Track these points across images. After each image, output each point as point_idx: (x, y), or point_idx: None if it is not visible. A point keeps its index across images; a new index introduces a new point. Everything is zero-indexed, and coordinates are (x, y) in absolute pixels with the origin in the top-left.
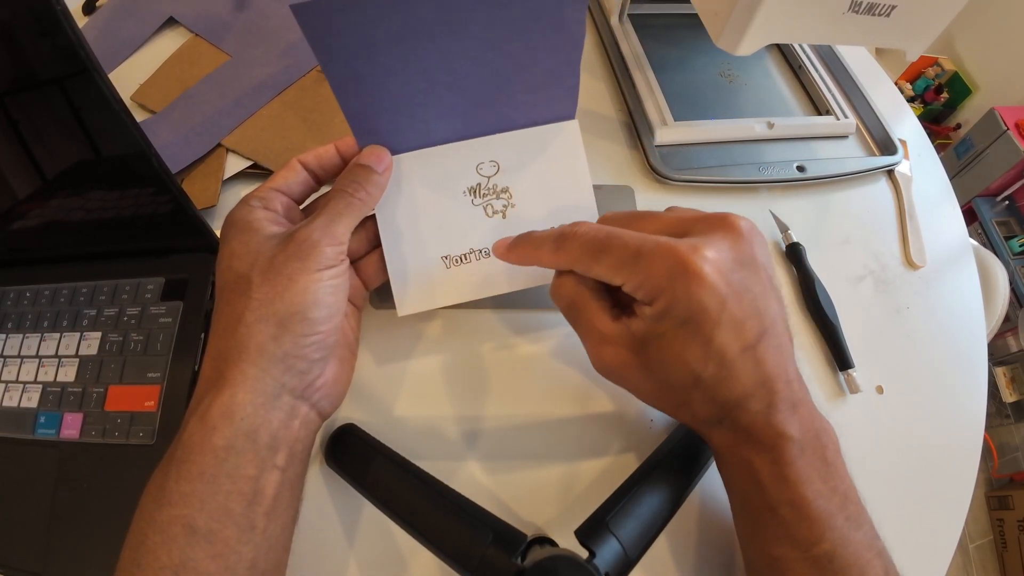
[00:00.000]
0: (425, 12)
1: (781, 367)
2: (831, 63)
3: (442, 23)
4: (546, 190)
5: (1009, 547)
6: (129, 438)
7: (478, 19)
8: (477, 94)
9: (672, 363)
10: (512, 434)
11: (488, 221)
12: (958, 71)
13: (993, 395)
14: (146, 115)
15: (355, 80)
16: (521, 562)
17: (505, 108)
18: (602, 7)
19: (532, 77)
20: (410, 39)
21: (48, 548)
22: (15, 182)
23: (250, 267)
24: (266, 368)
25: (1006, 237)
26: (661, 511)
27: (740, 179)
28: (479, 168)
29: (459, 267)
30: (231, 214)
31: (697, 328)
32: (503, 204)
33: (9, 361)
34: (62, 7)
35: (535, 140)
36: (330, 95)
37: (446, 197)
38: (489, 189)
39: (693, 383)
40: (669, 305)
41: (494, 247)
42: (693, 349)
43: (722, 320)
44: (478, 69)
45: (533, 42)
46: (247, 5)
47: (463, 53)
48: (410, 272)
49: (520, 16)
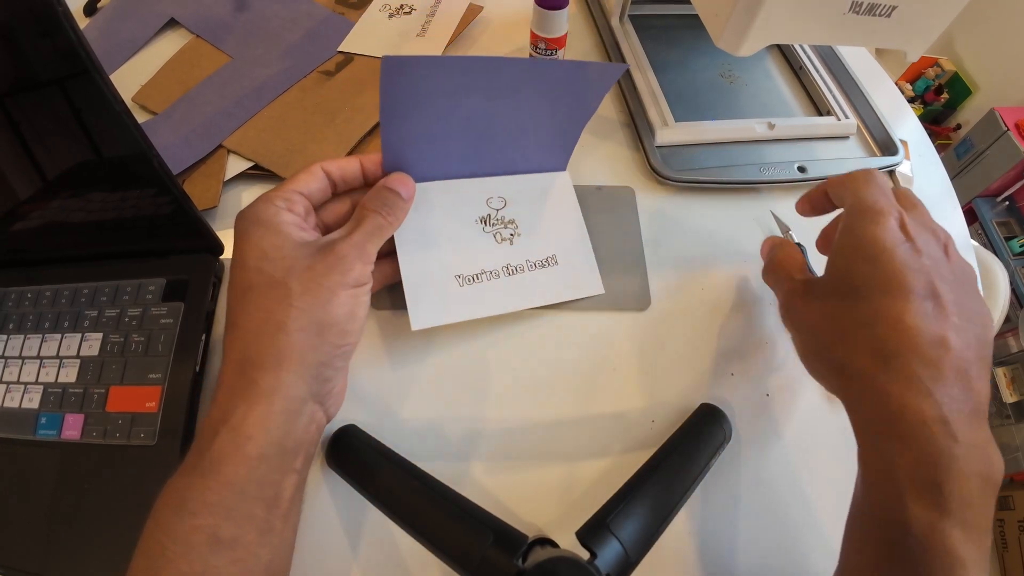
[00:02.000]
0: (493, 79)
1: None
2: (832, 64)
3: (501, 88)
4: (546, 224)
5: (1009, 547)
6: (130, 439)
7: (529, 91)
8: (497, 142)
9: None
10: (513, 435)
11: (498, 247)
12: (958, 72)
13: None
14: (147, 116)
15: (401, 118)
16: (522, 563)
17: (515, 155)
18: (602, 7)
19: (544, 134)
20: (461, 95)
21: (49, 549)
22: (16, 183)
23: (286, 273)
24: (302, 376)
25: (1006, 238)
26: (662, 512)
27: (741, 180)
28: (489, 201)
29: (472, 286)
30: (254, 211)
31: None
32: (510, 233)
33: (10, 362)
34: (63, 8)
35: (536, 184)
36: (331, 96)
37: (460, 224)
38: (498, 220)
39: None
40: None
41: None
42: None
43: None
44: (505, 123)
45: (558, 112)
46: (248, 7)
47: (503, 111)
48: (425, 289)
49: (560, 94)
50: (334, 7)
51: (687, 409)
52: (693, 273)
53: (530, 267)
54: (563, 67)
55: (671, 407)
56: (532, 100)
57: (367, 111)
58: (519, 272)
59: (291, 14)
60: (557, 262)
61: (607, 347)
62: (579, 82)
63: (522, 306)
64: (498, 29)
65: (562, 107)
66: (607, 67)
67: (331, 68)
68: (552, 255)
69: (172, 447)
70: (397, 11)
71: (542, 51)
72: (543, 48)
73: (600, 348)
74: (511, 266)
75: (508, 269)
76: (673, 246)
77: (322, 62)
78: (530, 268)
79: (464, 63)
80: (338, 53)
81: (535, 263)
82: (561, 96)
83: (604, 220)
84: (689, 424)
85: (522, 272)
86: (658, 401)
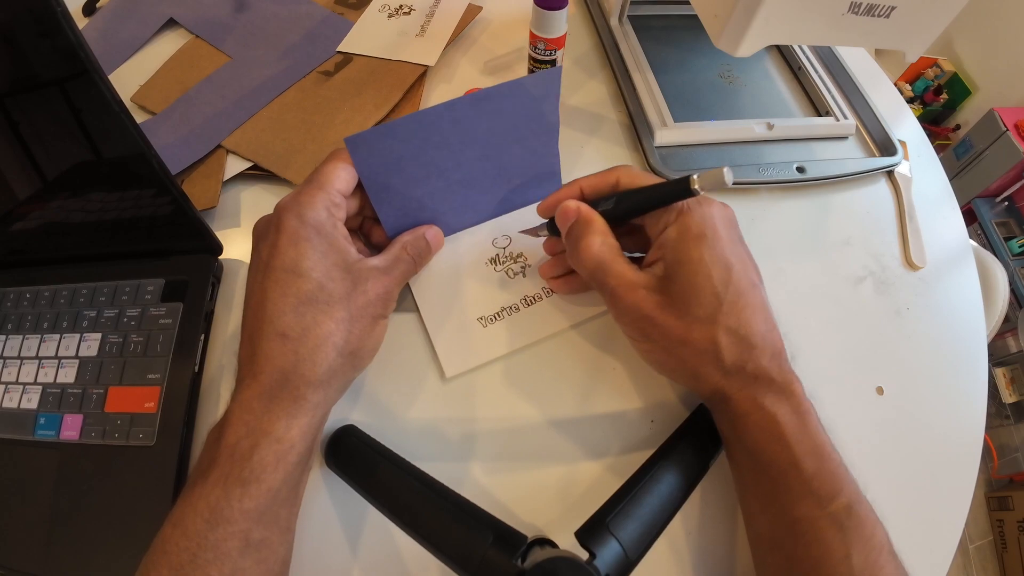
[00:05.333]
0: (443, 127)
1: (772, 319)
2: (831, 64)
3: (455, 134)
4: None
5: (1009, 548)
6: (129, 439)
7: (481, 127)
8: (482, 185)
9: (696, 284)
10: (512, 435)
11: (511, 282)
12: (957, 72)
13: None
14: (146, 116)
15: (389, 190)
16: (521, 563)
17: (506, 193)
18: (602, 8)
19: (523, 163)
20: (431, 149)
21: (48, 549)
22: (15, 183)
23: (344, 297)
24: (339, 391)
25: (1006, 238)
26: (662, 512)
27: (740, 180)
28: (495, 242)
29: (494, 324)
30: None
31: (712, 242)
32: (520, 267)
33: (9, 362)
34: (62, 8)
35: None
36: (330, 96)
37: (472, 270)
38: (507, 256)
39: (716, 306)
40: (686, 223)
41: (538, 208)
42: (712, 266)
43: (733, 239)
44: (483, 164)
45: (521, 135)
46: (247, 7)
47: (471, 154)
48: (452, 337)
49: (511, 119)
50: (333, 7)
51: (687, 409)
52: None
53: (547, 294)
54: (500, 93)
55: (670, 407)
56: (493, 136)
57: (366, 111)
58: (537, 301)
59: (290, 14)
60: None
61: (607, 347)
62: (524, 100)
63: (546, 333)
64: (497, 29)
65: (523, 131)
66: (542, 76)
67: (330, 68)
68: None
69: (171, 447)
70: (396, 11)
71: (541, 51)
72: (542, 48)
73: (600, 348)
74: (528, 297)
75: (526, 301)
76: None
77: (321, 62)
78: (547, 295)
79: (412, 120)
80: (337, 53)
81: (550, 289)
82: (515, 120)
83: None
84: (688, 424)
85: (540, 300)
86: (657, 401)
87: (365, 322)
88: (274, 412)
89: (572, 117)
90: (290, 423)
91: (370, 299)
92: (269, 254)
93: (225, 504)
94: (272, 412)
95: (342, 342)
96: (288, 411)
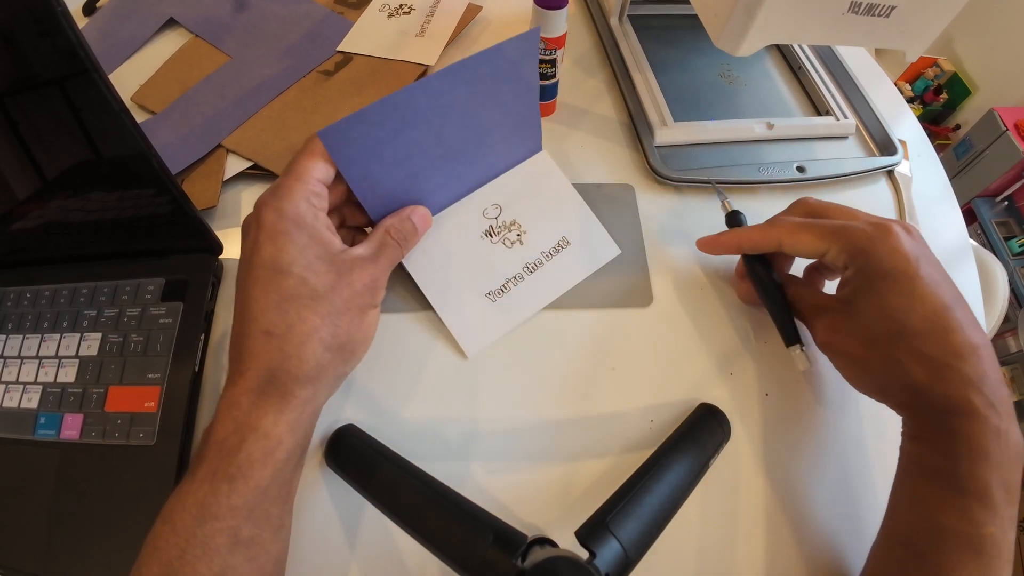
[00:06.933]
0: (419, 105)
1: (980, 337)
2: (831, 64)
3: (433, 109)
4: (545, 210)
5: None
6: (129, 439)
7: (460, 96)
8: (467, 156)
9: (877, 314)
10: (512, 434)
11: (509, 251)
12: (957, 72)
13: None
14: (146, 116)
15: (370, 178)
16: (521, 563)
17: (490, 159)
18: (602, 8)
19: (504, 126)
20: (409, 129)
21: (48, 549)
22: (15, 183)
23: (329, 289)
24: (329, 386)
25: (1005, 237)
26: (662, 512)
27: (740, 180)
28: (485, 212)
29: (502, 297)
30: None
31: (896, 279)
32: (516, 234)
33: (9, 362)
34: (62, 8)
35: (520, 176)
36: (330, 96)
37: (468, 246)
38: (500, 226)
39: (899, 333)
40: (868, 261)
41: (698, 243)
42: (895, 298)
43: (920, 275)
44: (463, 134)
45: (500, 97)
46: (247, 6)
47: (452, 125)
48: (464, 318)
49: (490, 84)
50: (333, 7)
51: (686, 409)
52: (692, 273)
53: (547, 257)
54: (477, 60)
55: (670, 407)
56: (474, 103)
57: None
58: (540, 266)
59: (290, 14)
60: (569, 242)
61: (606, 346)
62: (502, 65)
63: (555, 295)
64: (497, 29)
65: (504, 94)
66: (521, 39)
67: (330, 68)
68: (562, 237)
69: (171, 447)
70: (396, 11)
71: (540, 51)
72: (542, 48)
73: (599, 347)
74: (529, 264)
75: (528, 268)
76: (672, 246)
77: (321, 62)
78: (547, 258)
79: (386, 103)
80: (337, 53)
81: (550, 251)
82: (496, 85)
83: (605, 218)
84: (688, 424)
85: (542, 265)
86: (657, 401)
87: (353, 314)
88: (261, 408)
89: (572, 116)
90: (277, 419)
91: (356, 290)
92: (250, 251)
93: (213, 500)
94: (259, 408)
95: (329, 337)
96: (275, 407)
